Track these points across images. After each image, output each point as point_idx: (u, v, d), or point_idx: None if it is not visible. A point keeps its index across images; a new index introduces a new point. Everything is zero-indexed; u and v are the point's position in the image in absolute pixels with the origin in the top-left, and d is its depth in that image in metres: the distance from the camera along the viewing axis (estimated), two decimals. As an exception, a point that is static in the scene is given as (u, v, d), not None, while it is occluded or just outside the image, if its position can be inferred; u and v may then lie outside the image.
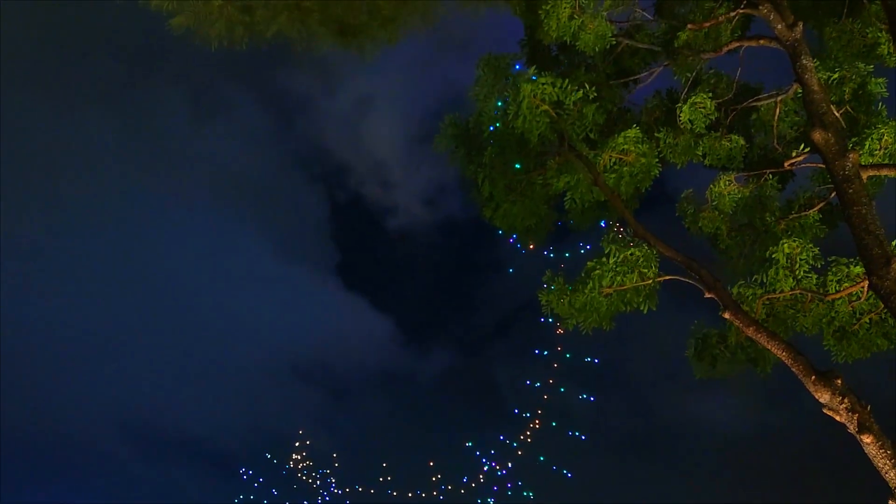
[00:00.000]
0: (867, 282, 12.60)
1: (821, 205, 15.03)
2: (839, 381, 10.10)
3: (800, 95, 14.24)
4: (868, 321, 14.26)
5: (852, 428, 9.82)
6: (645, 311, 14.34)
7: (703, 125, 15.11)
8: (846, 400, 9.93)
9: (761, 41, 14.09)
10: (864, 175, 11.47)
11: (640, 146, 15.02)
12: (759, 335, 11.55)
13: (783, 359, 10.99)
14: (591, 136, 15.14)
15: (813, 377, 10.34)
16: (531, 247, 17.63)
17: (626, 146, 15.02)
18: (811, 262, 13.81)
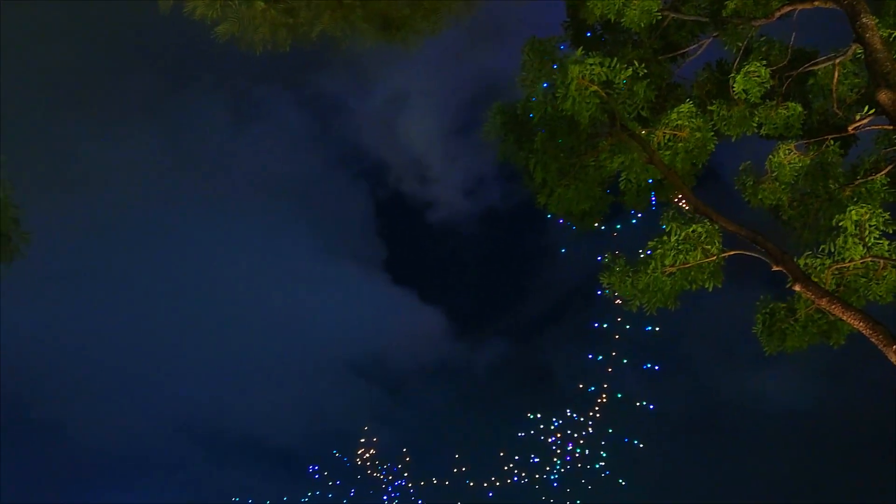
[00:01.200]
0: (943, 245, 12.17)
1: (888, 168, 14.49)
2: (922, 350, 9.75)
3: (859, 56, 13.77)
4: (947, 288, 13.74)
5: (939, 397, 9.47)
6: (710, 289, 14.05)
7: (758, 94, 14.72)
8: (931, 368, 9.58)
9: (815, 2, 13.64)
10: (935, 134, 11.05)
11: (693, 121, 14.73)
12: (833, 306, 11.21)
13: (860, 329, 10.65)
14: (643, 113, 14.86)
15: (894, 347, 10.00)
16: (586, 231, 17.40)
17: (679, 122, 14.75)
18: (882, 228, 13.33)
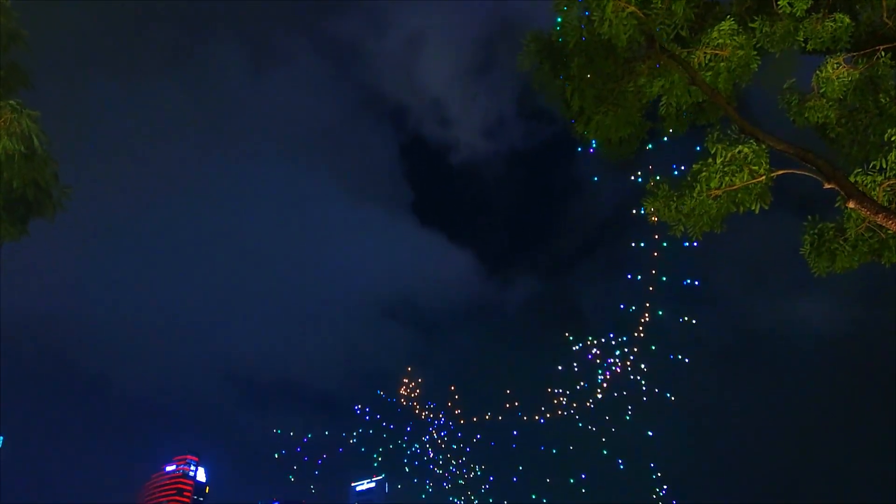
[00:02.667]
0: None
1: (941, 77, 13.94)
2: None
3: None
4: None
5: None
6: (757, 211, 13.73)
7: (803, 7, 14.10)
8: None
9: None
10: None
11: (736, 38, 14.22)
12: (891, 221, 10.91)
13: (920, 243, 10.35)
14: (682, 33, 14.38)
15: (956, 259, 9.71)
16: (623, 159, 17.07)
17: (720, 40, 14.25)
18: (936, 140, 12.89)
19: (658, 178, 14.20)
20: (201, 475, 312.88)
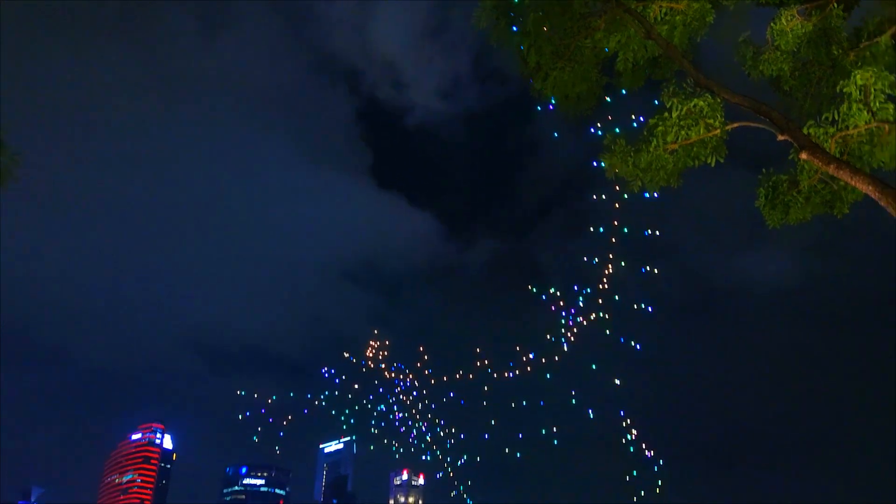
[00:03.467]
0: (950, 104, 11.89)
1: (893, 29, 14.04)
2: (933, 209, 9.63)
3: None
4: (950, 147, 13.55)
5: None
6: (713, 164, 13.83)
7: (758, -41, 14.11)
8: (942, 227, 9.49)
9: None
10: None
11: (691, -9, 14.16)
12: (842, 171, 11.04)
13: (869, 193, 10.52)
14: (639, -14, 14.28)
15: (904, 208, 9.88)
16: (581, 116, 17.01)
17: (676, -7, 14.19)
18: (887, 91, 13.02)
19: (615, 132, 14.18)
20: (168, 442, 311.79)
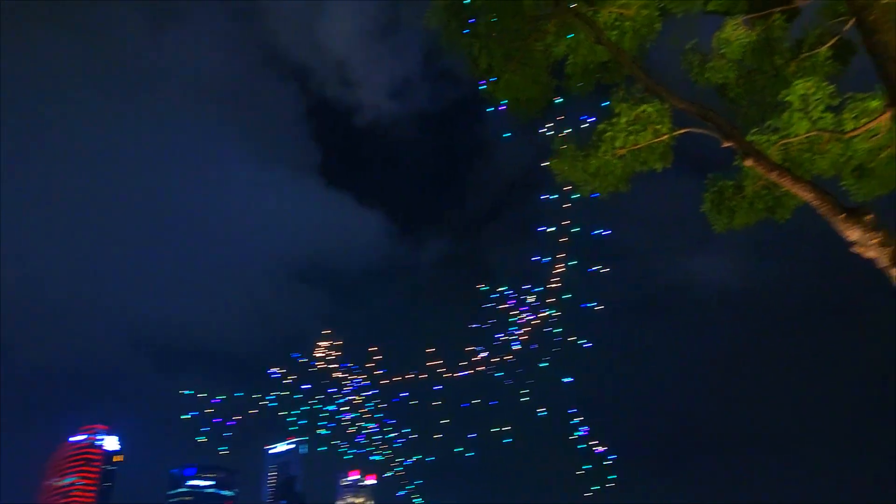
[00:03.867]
0: (887, 115, 12.28)
1: (832, 41, 14.45)
2: (869, 217, 9.93)
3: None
4: (886, 156, 13.99)
5: (885, 261, 9.71)
6: (660, 170, 14.04)
7: (705, -32, 14.36)
8: (878, 235, 9.78)
9: None
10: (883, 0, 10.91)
11: (640, -2, 14.34)
12: (783, 179, 11.30)
13: (809, 200, 10.78)
14: (589, -8, 14.41)
15: (842, 215, 10.16)
16: (531, 118, 17.09)
17: (625, 0, 14.35)
18: (827, 101, 13.39)
19: (565, 136, 14.28)
20: (111, 444, 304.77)
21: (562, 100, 17.08)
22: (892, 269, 9.61)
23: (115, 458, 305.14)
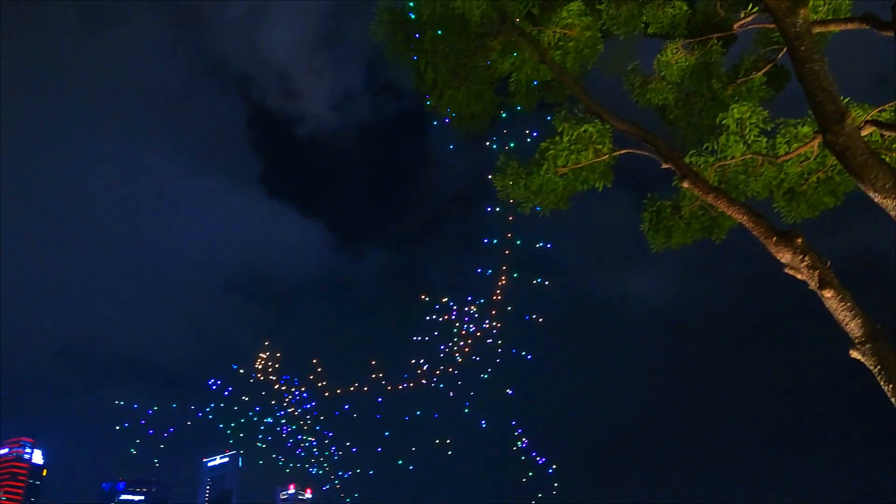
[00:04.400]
0: (817, 141, 12.69)
1: (767, 67, 14.91)
2: (800, 241, 10.22)
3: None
4: (816, 180, 14.48)
5: (813, 284, 10.00)
6: (600, 188, 14.24)
7: (646, -7, 14.66)
8: (807, 258, 10.07)
9: None
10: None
11: (583, 19, 14.56)
12: (719, 201, 11.57)
13: (743, 222, 11.05)
14: (534, 11, 14.58)
15: (774, 238, 10.43)
16: (475, 134, 17.18)
17: (569, 20, 14.54)
18: (761, 126, 13.80)
19: (508, 153, 14.39)
20: (38, 457, 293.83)
21: (505, 115, 17.25)
22: (821, 290, 9.89)
23: (43, 473, 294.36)
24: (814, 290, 10.30)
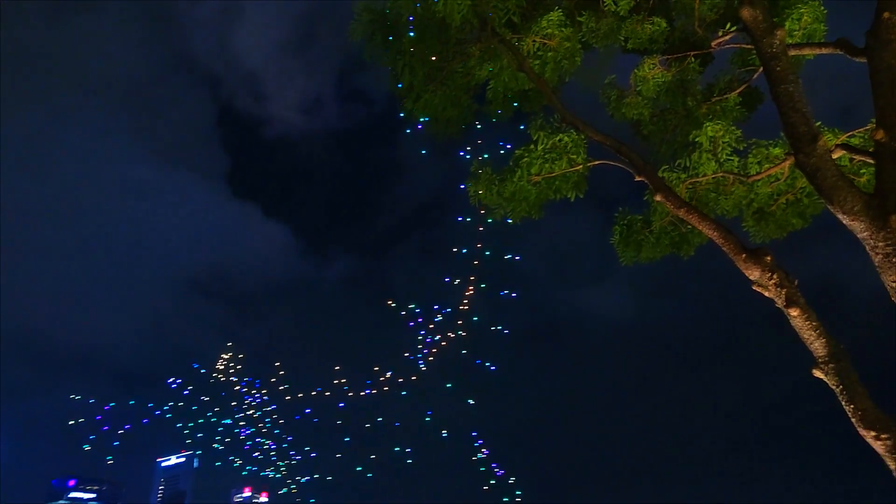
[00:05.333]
0: (787, 162, 12.81)
1: (741, 87, 15.05)
2: (769, 259, 10.26)
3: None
4: (784, 202, 14.65)
5: (780, 302, 10.04)
6: (572, 199, 14.24)
7: (626, 8, 14.72)
8: (775, 276, 10.11)
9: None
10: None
11: (563, 30, 14.58)
12: (691, 216, 11.60)
13: (714, 238, 11.08)
14: (514, 19, 14.57)
15: (743, 255, 10.47)
16: (449, 139, 17.12)
17: (549, 30, 14.56)
18: (733, 145, 13.92)
19: (483, 160, 14.34)
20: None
21: (480, 126, 17.22)
22: (788, 309, 9.94)
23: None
24: (779, 309, 10.35)
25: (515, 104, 16.42)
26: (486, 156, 14.70)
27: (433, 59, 14.93)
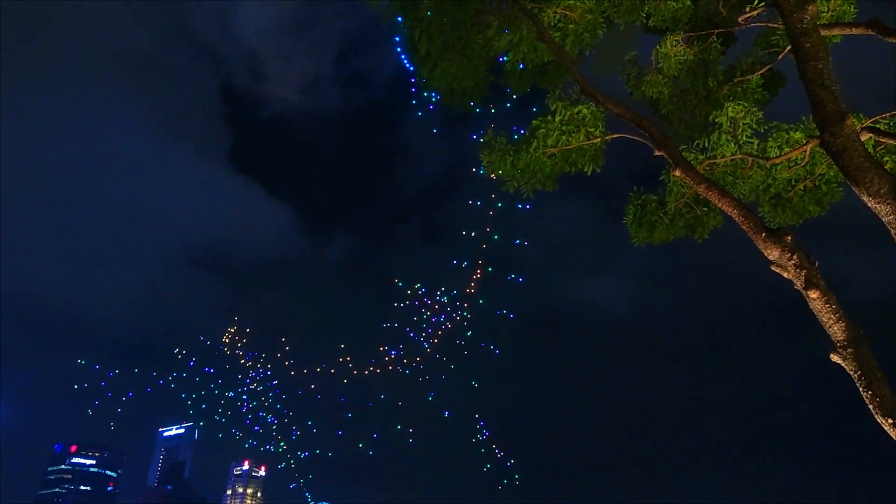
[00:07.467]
0: (808, 146, 12.50)
1: (763, 69, 14.72)
2: (789, 238, 10.01)
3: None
4: (802, 188, 14.33)
5: (799, 284, 9.79)
6: (589, 173, 13.96)
7: (651, -18, 14.40)
8: (795, 256, 9.85)
9: None
10: (819, 32, 11.08)
11: (585, 2, 14.26)
12: (711, 192, 11.29)
13: (733, 216, 10.80)
14: (536, -11, 14.25)
15: (763, 234, 10.20)
16: (463, 111, 16.83)
17: (571, 1, 14.24)
18: (754, 127, 13.60)
19: (496, 131, 14.07)
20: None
21: (495, 98, 16.95)
22: (807, 290, 9.68)
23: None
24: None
25: (533, 78, 16.14)
26: (495, 128, 14.39)
27: (452, 27, 14.64)
